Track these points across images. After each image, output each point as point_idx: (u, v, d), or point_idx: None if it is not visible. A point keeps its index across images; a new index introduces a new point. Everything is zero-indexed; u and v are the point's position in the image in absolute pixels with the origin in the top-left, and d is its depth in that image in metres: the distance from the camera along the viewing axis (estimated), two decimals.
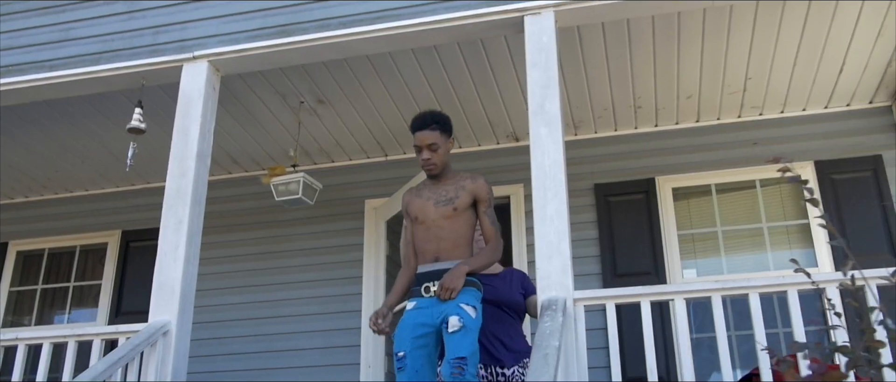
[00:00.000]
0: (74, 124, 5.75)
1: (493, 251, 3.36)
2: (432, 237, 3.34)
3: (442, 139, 3.43)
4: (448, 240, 3.32)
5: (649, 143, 5.87)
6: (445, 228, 3.33)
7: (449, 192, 3.39)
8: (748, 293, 3.41)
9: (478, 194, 3.39)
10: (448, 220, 3.34)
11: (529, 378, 2.78)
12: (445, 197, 3.37)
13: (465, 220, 3.36)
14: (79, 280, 6.62)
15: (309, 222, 6.20)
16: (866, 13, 4.64)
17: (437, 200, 3.39)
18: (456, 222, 3.34)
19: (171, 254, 4.07)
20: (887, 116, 5.60)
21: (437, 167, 3.43)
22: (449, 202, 3.35)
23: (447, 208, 3.35)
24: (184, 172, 4.24)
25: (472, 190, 3.38)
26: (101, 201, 6.75)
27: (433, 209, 3.38)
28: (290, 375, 5.78)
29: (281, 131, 5.89)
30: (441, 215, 3.35)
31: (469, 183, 3.40)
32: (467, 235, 3.37)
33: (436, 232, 3.34)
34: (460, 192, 3.37)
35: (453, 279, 3.15)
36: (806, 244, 5.46)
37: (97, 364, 3.43)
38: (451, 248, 3.31)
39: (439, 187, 3.44)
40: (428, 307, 3.24)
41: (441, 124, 3.47)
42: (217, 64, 4.54)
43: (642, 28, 4.81)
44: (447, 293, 3.13)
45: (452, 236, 3.32)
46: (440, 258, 3.30)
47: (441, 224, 3.34)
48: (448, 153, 3.46)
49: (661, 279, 5.46)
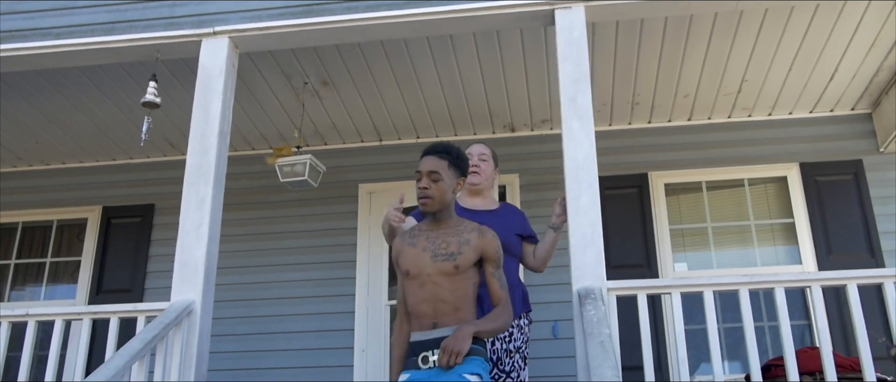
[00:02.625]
0: (64, 95, 5.55)
1: (505, 314, 2.88)
2: (429, 297, 2.82)
3: (448, 172, 2.93)
4: (447, 302, 2.80)
5: (643, 139, 6.03)
6: (444, 287, 2.81)
7: (451, 245, 2.86)
8: (774, 287, 3.55)
9: (486, 253, 2.89)
10: (447, 278, 2.82)
11: (593, 365, 2.86)
12: (445, 251, 2.85)
13: (469, 278, 2.86)
14: (56, 256, 6.40)
15: (301, 204, 6.16)
16: (865, 22, 4.86)
17: (436, 252, 2.86)
18: (457, 282, 2.82)
19: (193, 232, 3.99)
20: (868, 123, 5.89)
21: (434, 203, 2.89)
22: (450, 258, 2.83)
23: (447, 264, 2.82)
24: (206, 149, 4.15)
25: (478, 247, 2.87)
26: (81, 175, 6.53)
27: (430, 264, 2.85)
28: (283, 357, 5.74)
29: (278, 112, 5.82)
30: (439, 272, 2.82)
31: (476, 238, 2.88)
32: (470, 295, 2.86)
33: (432, 291, 2.82)
34: (464, 248, 2.85)
35: (458, 341, 2.66)
36: (790, 241, 5.70)
37: (132, 343, 3.34)
38: (451, 311, 2.80)
39: (438, 234, 2.91)
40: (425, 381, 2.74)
41: (451, 156, 2.97)
42: (237, 41, 4.45)
43: (654, 28, 4.93)
44: (451, 357, 2.63)
45: (453, 298, 2.81)
46: (440, 323, 2.79)
47: (439, 282, 2.82)
48: (452, 193, 2.94)
49: (654, 272, 5.63)
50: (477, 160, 3.78)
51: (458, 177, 2.97)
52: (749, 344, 3.49)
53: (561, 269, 5.53)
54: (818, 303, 3.50)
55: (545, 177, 5.99)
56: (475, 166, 3.75)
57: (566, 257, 5.57)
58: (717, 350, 3.53)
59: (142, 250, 6.20)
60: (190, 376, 3.69)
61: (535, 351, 5.56)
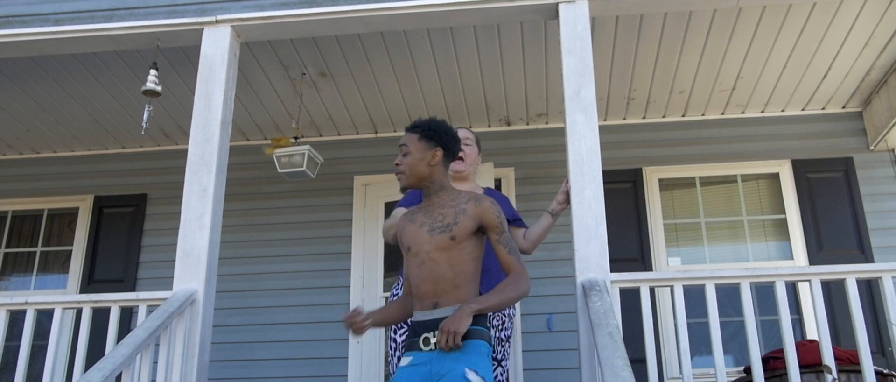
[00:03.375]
0: (59, 83, 5.50)
1: (514, 285, 2.69)
2: (427, 275, 2.71)
3: (417, 144, 2.84)
4: (446, 278, 2.68)
5: (638, 134, 6.08)
6: (442, 262, 2.69)
7: (446, 216, 2.74)
8: (775, 281, 3.60)
9: (484, 220, 2.74)
10: (445, 252, 2.69)
11: (603, 356, 2.88)
12: (441, 223, 2.74)
13: (468, 251, 2.71)
14: (46, 245, 6.34)
15: (296, 195, 6.15)
16: (860, 21, 4.93)
17: (432, 226, 2.75)
18: (456, 255, 2.69)
19: (196, 222, 3.97)
20: (858, 121, 5.97)
21: (405, 177, 2.83)
22: (445, 230, 2.71)
23: (443, 236, 2.70)
24: (208, 138, 4.14)
25: (475, 215, 2.73)
26: (72, 164, 6.47)
27: (427, 239, 2.74)
28: (277, 349, 5.74)
29: (275, 102, 5.80)
30: (436, 246, 2.71)
31: (471, 206, 2.74)
32: (471, 270, 2.72)
33: (431, 268, 2.70)
34: (460, 217, 2.72)
35: (455, 321, 2.52)
36: (782, 237, 5.78)
37: (137, 332, 3.33)
38: (452, 289, 2.67)
39: (434, 209, 2.81)
40: (425, 364, 2.62)
41: (422, 129, 2.88)
42: (239, 30, 4.42)
43: (653, 23, 4.97)
44: (448, 337, 2.49)
45: (452, 273, 2.68)
46: (440, 303, 2.67)
47: (437, 258, 2.70)
48: (427, 165, 2.82)
49: (648, 265, 5.69)
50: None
51: (430, 148, 2.82)
52: (750, 337, 3.53)
53: (556, 263, 5.63)
54: (817, 297, 3.55)
55: (540, 171, 6.03)
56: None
57: (561, 250, 5.70)
58: (719, 343, 3.58)
59: (134, 240, 6.15)
60: (193, 365, 3.68)
61: (530, 344, 5.61)
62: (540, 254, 5.72)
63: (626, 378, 2.69)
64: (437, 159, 2.83)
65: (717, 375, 3.51)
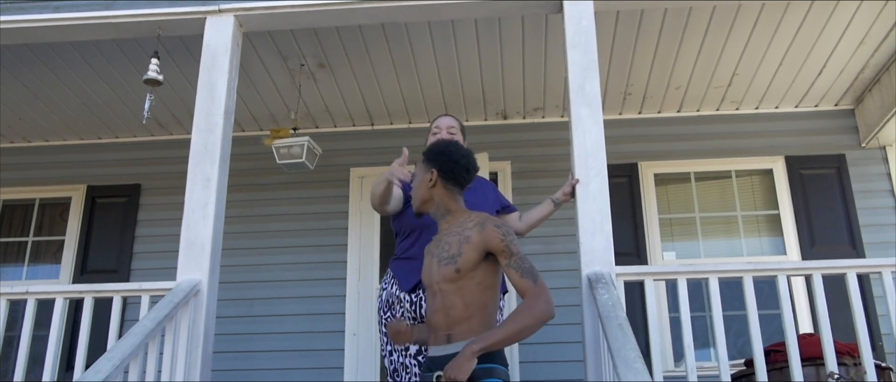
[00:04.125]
0: (53, 70, 5.43)
1: (527, 312, 2.43)
2: (439, 306, 2.59)
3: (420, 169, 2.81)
4: (457, 309, 2.54)
5: (633, 129, 6.11)
6: (451, 293, 2.56)
7: (451, 246, 2.60)
8: (777, 275, 3.65)
9: (490, 246, 2.55)
10: (452, 284, 2.56)
11: (615, 348, 2.91)
12: (447, 253, 2.60)
13: (476, 281, 2.55)
14: (38, 235, 6.27)
15: (292, 187, 6.13)
16: (856, 20, 4.99)
17: (440, 257, 2.62)
18: (465, 286, 2.55)
19: (199, 212, 3.95)
20: (850, 119, 6.05)
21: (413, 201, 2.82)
22: (451, 262, 2.57)
23: (449, 269, 2.57)
24: (211, 128, 4.11)
25: (480, 242, 2.55)
26: (65, 153, 6.41)
27: (436, 270, 2.63)
28: (273, 341, 5.72)
29: (272, 93, 5.78)
30: (444, 278, 2.58)
31: (476, 234, 2.56)
32: (481, 301, 2.55)
33: (441, 300, 2.59)
34: (464, 247, 2.56)
35: (455, 367, 2.36)
36: (775, 232, 5.84)
37: (144, 322, 3.31)
38: (463, 320, 2.53)
39: (442, 237, 2.69)
40: None
41: (425, 153, 2.83)
42: (242, 19, 4.40)
43: (653, 19, 5.00)
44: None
45: (462, 304, 2.54)
46: (453, 336, 2.53)
47: (446, 289, 2.57)
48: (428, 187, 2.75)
49: (643, 260, 5.73)
50: (445, 133, 3.70)
51: (427, 171, 2.76)
52: (753, 331, 3.59)
53: (553, 256, 5.66)
54: (818, 291, 3.60)
55: (536, 165, 6.06)
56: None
57: (557, 244, 5.73)
58: (722, 336, 3.62)
59: (128, 230, 6.11)
60: (197, 356, 3.66)
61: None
62: (536, 247, 5.77)
63: (639, 369, 2.71)
64: (433, 180, 2.73)
65: (720, 368, 3.55)
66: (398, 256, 3.59)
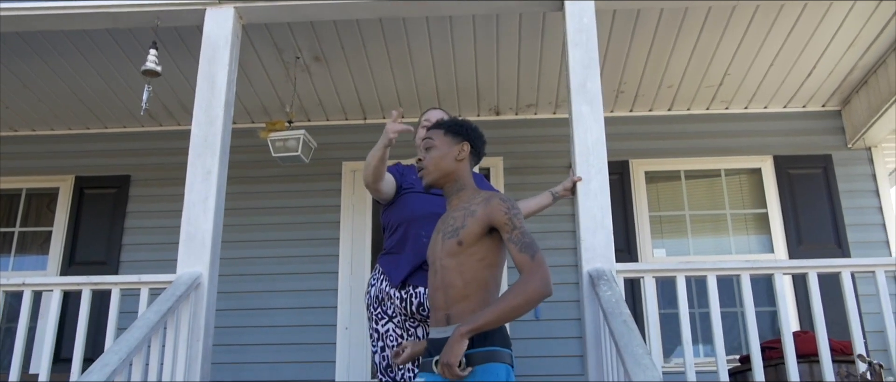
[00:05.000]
0: (44, 59, 5.36)
1: (520, 290, 2.32)
2: (439, 283, 2.51)
3: (443, 139, 2.69)
4: (455, 287, 2.45)
5: (625, 126, 6.16)
6: (451, 269, 2.48)
7: (456, 220, 2.53)
8: (774, 273, 3.71)
9: (494, 220, 2.47)
10: (454, 258, 2.48)
11: (622, 344, 2.94)
12: (452, 227, 2.53)
13: (478, 257, 2.47)
14: (24, 225, 6.19)
15: (284, 180, 6.11)
16: (847, 23, 5.07)
17: (445, 231, 2.56)
18: (465, 261, 2.46)
19: (200, 205, 3.92)
20: (837, 120, 6.14)
21: (429, 172, 2.66)
22: (454, 234, 2.50)
23: (451, 242, 2.49)
24: (211, 121, 4.08)
25: (484, 216, 2.47)
26: (52, 142, 6.33)
27: (440, 245, 2.56)
28: (264, 334, 5.71)
29: (265, 86, 5.75)
30: (447, 252, 2.50)
31: (480, 207, 2.50)
32: (481, 278, 2.46)
33: (442, 277, 2.50)
34: (468, 220, 2.49)
35: (446, 352, 2.27)
36: (763, 230, 5.93)
37: (147, 315, 3.29)
38: (461, 298, 2.44)
39: (450, 212, 2.63)
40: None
41: (449, 125, 2.74)
42: (242, 11, 4.36)
43: (649, 18, 5.04)
44: (444, 371, 2.27)
45: (461, 282, 2.45)
46: (452, 316, 2.45)
47: (447, 265, 2.49)
48: (453, 160, 2.65)
49: (634, 257, 5.79)
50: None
51: (457, 143, 2.67)
52: (750, 327, 3.62)
53: (553, 252, 5.70)
54: (814, 290, 3.65)
55: (529, 161, 6.09)
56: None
57: (548, 240, 5.78)
58: (720, 333, 3.66)
59: (117, 222, 6.05)
60: (198, 348, 3.65)
61: (517, 332, 5.67)
62: None
63: (648, 365, 2.75)
64: (464, 154, 2.66)
65: (718, 364, 3.60)
66: (386, 250, 3.58)
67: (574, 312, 5.69)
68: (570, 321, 5.63)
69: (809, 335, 3.95)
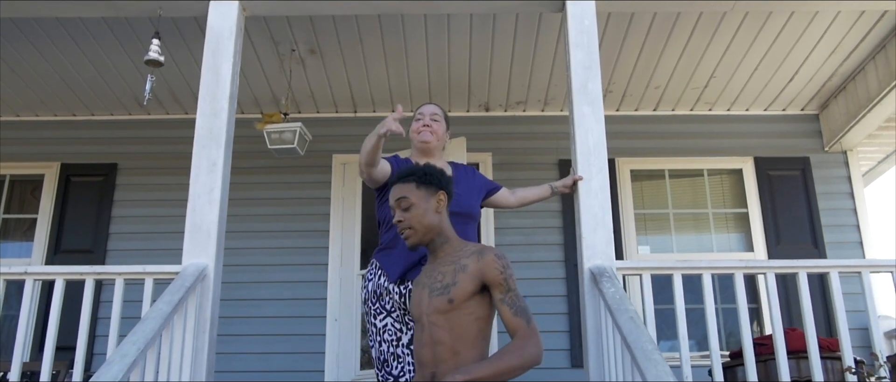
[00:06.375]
0: (35, 45, 5.30)
1: (517, 351, 2.27)
2: (427, 341, 2.41)
3: (417, 193, 2.56)
4: (444, 344, 2.37)
5: (611, 126, 6.21)
6: (440, 326, 2.39)
7: (446, 276, 2.44)
8: (766, 272, 3.84)
9: (487, 278, 2.39)
10: (443, 315, 2.39)
11: (631, 340, 3.04)
12: (441, 283, 2.44)
13: (470, 313, 2.39)
14: (7, 212, 6.11)
15: (274, 172, 6.11)
16: (831, 30, 5.24)
17: (432, 287, 2.46)
18: (454, 318, 2.38)
19: (205, 196, 3.93)
20: (815, 124, 6.34)
21: (415, 233, 2.53)
22: (444, 292, 2.41)
23: (441, 299, 2.40)
24: (216, 112, 4.09)
25: (476, 272, 2.40)
26: (37, 129, 6.25)
27: (427, 301, 2.46)
28: (254, 325, 5.72)
29: (259, 77, 5.75)
30: (435, 310, 2.41)
31: (473, 261, 2.41)
32: (472, 333, 2.38)
33: (430, 334, 2.41)
34: (459, 276, 2.40)
35: None
36: (743, 229, 6.11)
37: (159, 306, 3.30)
38: (450, 355, 2.36)
39: (436, 265, 2.52)
40: None
41: (416, 176, 2.58)
42: (245, 3, 4.38)
43: (641, 21, 5.16)
44: None
45: (450, 338, 2.37)
46: (437, 373, 2.36)
47: (436, 322, 2.40)
48: (434, 213, 2.55)
49: (619, 254, 5.86)
50: (429, 120, 3.71)
51: (432, 194, 2.56)
52: (743, 325, 3.76)
53: (532, 247, 5.82)
54: (804, 289, 3.79)
55: (517, 157, 6.18)
56: (426, 126, 3.66)
57: (537, 235, 5.89)
58: (715, 330, 3.79)
59: (104, 210, 6.01)
60: (204, 339, 3.67)
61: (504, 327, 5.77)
62: (515, 238, 5.91)
63: (658, 360, 2.85)
64: (442, 205, 2.57)
65: (712, 359, 3.72)
66: (383, 246, 3.62)
67: (560, 307, 5.81)
68: (556, 316, 5.75)
69: (797, 332, 4.10)
